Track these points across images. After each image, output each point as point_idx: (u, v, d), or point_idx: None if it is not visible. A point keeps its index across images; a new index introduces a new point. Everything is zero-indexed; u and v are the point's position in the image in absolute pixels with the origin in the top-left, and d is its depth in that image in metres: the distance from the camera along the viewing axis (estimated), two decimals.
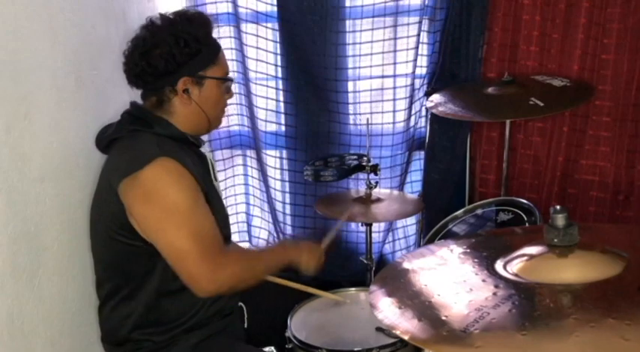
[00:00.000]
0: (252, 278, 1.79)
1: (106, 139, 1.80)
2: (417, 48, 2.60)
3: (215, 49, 1.83)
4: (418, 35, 2.58)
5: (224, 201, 1.97)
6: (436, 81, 2.65)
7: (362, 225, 2.52)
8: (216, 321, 1.83)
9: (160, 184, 1.67)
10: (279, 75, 2.70)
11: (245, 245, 2.93)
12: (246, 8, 2.64)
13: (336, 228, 2.08)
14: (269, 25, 2.65)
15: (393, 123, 2.70)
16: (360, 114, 2.70)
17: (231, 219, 2.82)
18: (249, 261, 1.80)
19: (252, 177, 2.90)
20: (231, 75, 1.92)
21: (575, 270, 1.22)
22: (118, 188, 1.67)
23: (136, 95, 1.91)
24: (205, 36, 1.79)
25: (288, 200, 2.84)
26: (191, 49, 1.74)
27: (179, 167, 1.68)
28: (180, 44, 1.73)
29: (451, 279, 1.31)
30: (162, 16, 1.79)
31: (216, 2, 2.63)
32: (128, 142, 1.75)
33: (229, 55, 2.57)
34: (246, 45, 2.65)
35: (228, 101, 1.93)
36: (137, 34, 1.78)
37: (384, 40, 2.61)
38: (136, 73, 1.77)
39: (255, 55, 2.67)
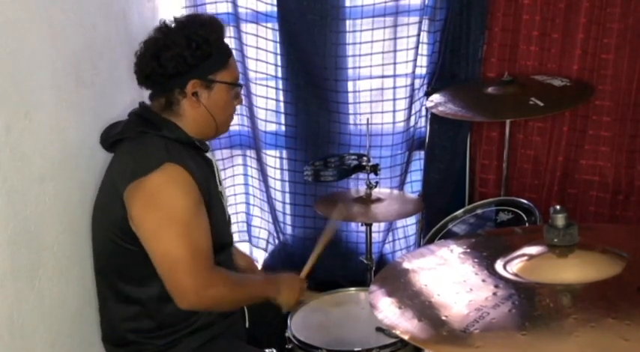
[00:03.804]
0: (232, 302, 1.82)
1: (112, 138, 1.80)
2: (417, 48, 2.60)
3: (226, 53, 1.83)
4: (418, 35, 2.58)
5: (226, 205, 1.97)
6: (436, 81, 2.65)
7: (362, 225, 2.52)
8: (219, 322, 1.83)
9: (165, 191, 1.68)
10: (279, 75, 2.70)
11: (245, 245, 2.94)
12: (246, 8, 2.64)
13: (317, 252, 2.07)
14: (269, 25, 2.65)
15: (393, 123, 2.70)
16: (360, 114, 2.70)
17: (231, 219, 2.82)
18: (234, 287, 1.79)
19: (252, 177, 2.90)
20: (238, 78, 1.92)
21: (575, 270, 1.22)
22: (124, 193, 1.67)
23: (136, 94, 1.91)
24: (217, 40, 1.79)
25: (288, 200, 2.84)
26: (202, 51, 1.75)
27: (185, 174, 1.68)
28: (192, 46, 1.73)
29: (451, 279, 1.31)
30: (176, 19, 1.80)
31: (216, 2, 2.63)
32: (135, 145, 1.75)
33: None
34: (246, 45, 2.65)
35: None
36: (150, 35, 1.79)
37: (384, 40, 2.61)
38: (147, 73, 1.77)
39: (255, 55, 2.67)
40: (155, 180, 1.66)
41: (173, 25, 1.78)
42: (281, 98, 2.74)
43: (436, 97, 2.52)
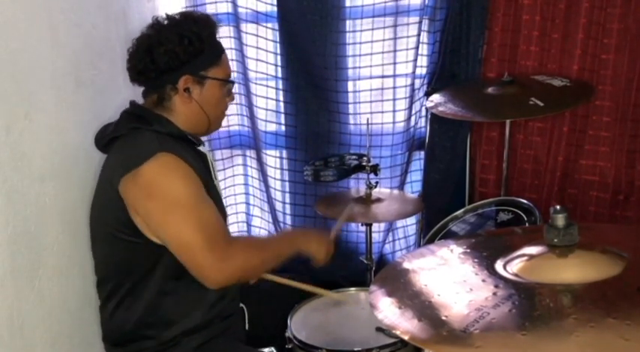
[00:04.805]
0: (260, 267, 1.81)
1: (106, 138, 1.81)
2: (417, 48, 2.59)
3: (218, 50, 1.85)
4: (418, 35, 2.58)
5: (224, 201, 1.97)
6: (436, 81, 2.65)
7: (362, 225, 2.52)
8: (218, 323, 1.83)
9: (161, 178, 1.68)
10: (279, 75, 2.70)
11: None
12: (246, 8, 2.64)
13: (341, 221, 2.11)
14: (269, 25, 2.65)
15: (393, 123, 2.70)
16: (360, 114, 2.70)
17: (231, 219, 2.83)
18: (256, 250, 1.80)
19: (252, 177, 2.90)
20: (231, 75, 1.93)
21: (575, 270, 1.22)
22: (119, 185, 1.68)
23: (136, 95, 1.91)
24: (209, 36, 1.80)
25: (288, 200, 2.84)
26: (194, 48, 1.76)
27: (179, 161, 1.69)
28: (184, 42, 1.75)
29: (451, 279, 1.31)
30: (168, 16, 1.82)
31: (216, 2, 2.63)
32: (128, 140, 1.76)
33: (229, 55, 2.55)
34: (246, 45, 2.65)
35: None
36: (142, 32, 1.81)
37: (384, 40, 2.60)
38: (139, 69, 1.78)
39: (255, 55, 2.67)
40: (149, 170, 1.66)
41: (166, 22, 1.80)
42: (281, 98, 2.74)
43: (436, 97, 2.52)
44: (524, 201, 2.34)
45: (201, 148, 1.87)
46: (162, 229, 1.68)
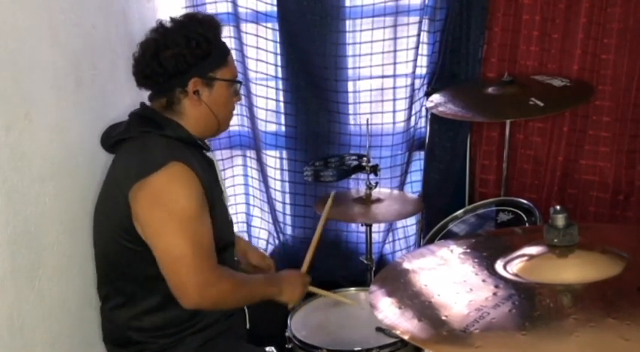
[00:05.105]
0: (235, 302, 1.81)
1: (114, 139, 1.80)
2: (417, 48, 2.59)
3: (224, 51, 1.84)
4: (418, 35, 2.58)
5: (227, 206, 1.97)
6: (436, 81, 2.65)
7: (362, 226, 2.52)
8: (220, 322, 1.83)
9: (170, 189, 1.67)
10: (279, 75, 2.70)
11: None
12: (246, 8, 2.64)
13: (313, 245, 2.08)
14: (269, 25, 2.65)
15: (393, 123, 2.70)
16: (360, 114, 2.70)
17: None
18: (236, 286, 1.78)
19: (252, 177, 2.90)
20: (237, 75, 1.93)
21: (575, 270, 1.22)
22: (129, 193, 1.67)
23: (136, 95, 1.91)
24: (215, 38, 1.80)
25: (288, 200, 2.84)
26: (202, 49, 1.75)
27: (190, 173, 1.68)
28: (192, 45, 1.74)
29: (451, 279, 1.31)
30: (173, 19, 1.80)
31: (216, 2, 2.63)
32: (138, 144, 1.75)
33: None
34: (246, 45, 2.65)
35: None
36: (147, 36, 1.79)
37: (384, 40, 2.61)
38: (147, 73, 1.77)
39: (255, 55, 2.67)
40: (160, 179, 1.66)
41: (171, 25, 1.78)
42: (281, 98, 2.74)
43: (436, 97, 2.52)
44: (524, 202, 2.34)
45: (208, 154, 1.87)
46: (155, 239, 1.67)
